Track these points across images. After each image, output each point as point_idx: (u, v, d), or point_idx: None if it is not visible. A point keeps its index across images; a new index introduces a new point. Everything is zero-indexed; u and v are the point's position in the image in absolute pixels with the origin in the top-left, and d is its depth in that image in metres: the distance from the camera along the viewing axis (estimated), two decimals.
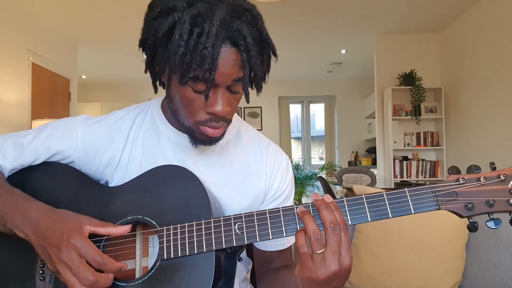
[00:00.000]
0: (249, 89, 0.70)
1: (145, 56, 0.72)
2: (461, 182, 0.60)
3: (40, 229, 0.64)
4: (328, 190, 4.78)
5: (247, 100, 0.69)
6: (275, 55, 0.71)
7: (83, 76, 6.61)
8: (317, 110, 7.94)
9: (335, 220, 0.59)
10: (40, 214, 0.66)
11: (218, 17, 0.61)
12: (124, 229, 0.66)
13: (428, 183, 0.62)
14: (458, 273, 1.38)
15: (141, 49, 0.71)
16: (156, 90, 0.75)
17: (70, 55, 4.84)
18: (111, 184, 0.78)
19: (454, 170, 0.61)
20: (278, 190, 0.85)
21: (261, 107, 7.40)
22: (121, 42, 4.90)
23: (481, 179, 0.59)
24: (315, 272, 0.59)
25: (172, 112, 0.75)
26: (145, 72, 0.73)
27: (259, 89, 0.71)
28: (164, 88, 0.76)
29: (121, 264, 0.64)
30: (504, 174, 0.58)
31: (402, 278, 1.40)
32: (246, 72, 0.65)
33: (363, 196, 0.62)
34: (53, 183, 0.77)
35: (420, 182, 4.60)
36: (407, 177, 4.70)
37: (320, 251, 0.58)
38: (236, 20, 0.63)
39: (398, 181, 4.63)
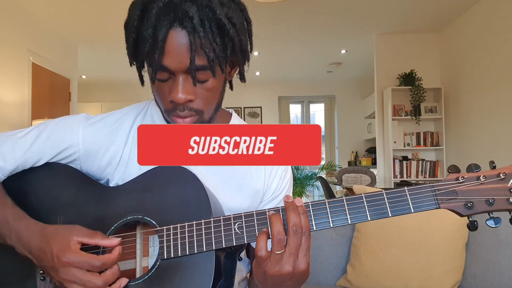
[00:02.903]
0: (242, 83, 0.69)
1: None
2: (461, 181, 0.60)
3: (34, 251, 0.65)
4: (328, 190, 4.78)
5: (194, 84, 0.64)
6: (230, 38, 0.64)
7: (83, 76, 6.61)
8: (317, 110, 7.94)
9: (299, 223, 0.59)
10: (30, 235, 0.66)
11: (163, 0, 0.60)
12: (113, 242, 0.65)
13: (427, 183, 0.62)
14: (458, 273, 1.38)
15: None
16: (142, 82, 0.73)
17: (70, 55, 4.84)
18: (111, 183, 0.78)
19: (454, 169, 0.61)
20: (276, 191, 0.85)
21: (261, 107, 7.40)
22: (121, 42, 4.77)
23: (481, 177, 0.59)
24: (269, 268, 0.60)
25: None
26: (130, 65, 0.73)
27: (214, 74, 0.64)
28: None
29: (117, 249, 0.65)
30: (504, 172, 0.58)
31: (402, 278, 1.40)
32: (192, 55, 0.61)
33: (363, 195, 0.62)
34: (54, 184, 0.77)
35: (420, 182, 4.59)
36: (407, 177, 4.70)
37: (279, 252, 0.59)
38: (188, 2, 0.60)
39: (398, 181, 4.63)
